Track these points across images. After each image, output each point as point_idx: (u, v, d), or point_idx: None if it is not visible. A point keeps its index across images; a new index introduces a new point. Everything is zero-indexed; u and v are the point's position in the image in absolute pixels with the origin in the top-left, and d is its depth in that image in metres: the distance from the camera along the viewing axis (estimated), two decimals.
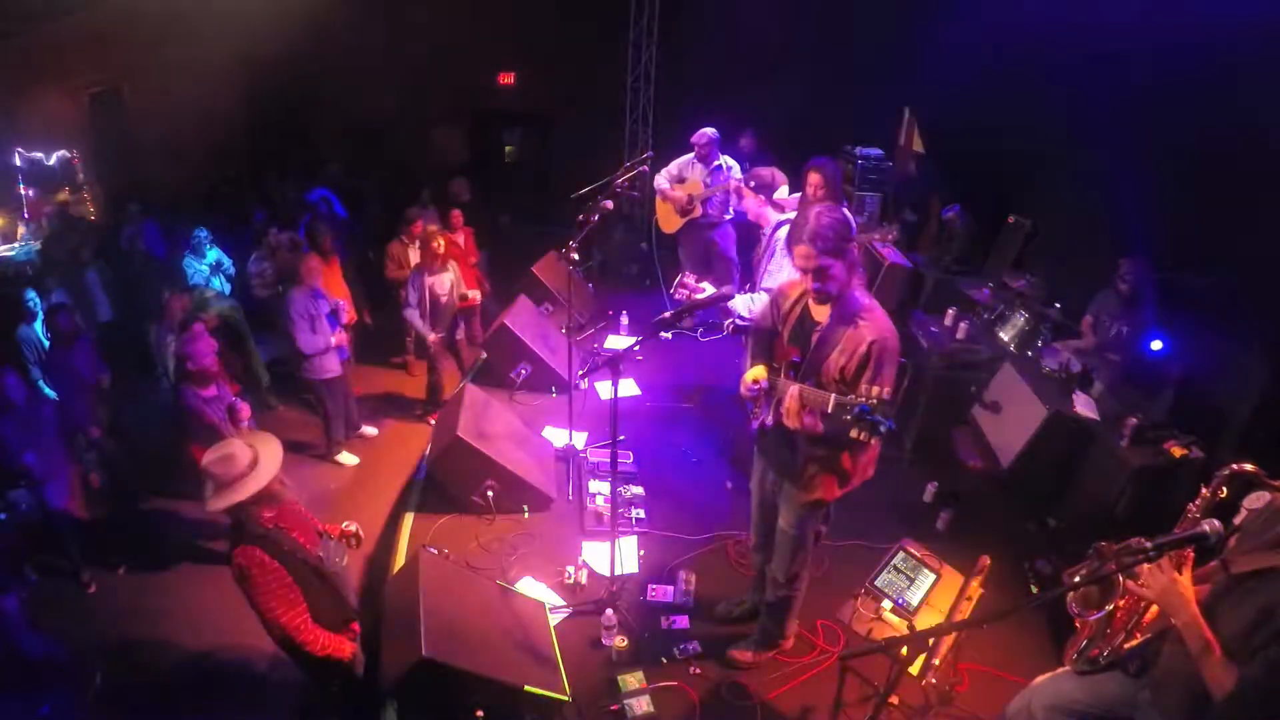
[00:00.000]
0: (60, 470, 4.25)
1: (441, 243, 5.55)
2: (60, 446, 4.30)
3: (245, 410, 4.31)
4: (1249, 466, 2.04)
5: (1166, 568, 1.91)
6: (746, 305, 3.73)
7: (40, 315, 5.23)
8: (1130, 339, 4.56)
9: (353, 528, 3.01)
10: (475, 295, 5.91)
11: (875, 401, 2.21)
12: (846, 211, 2.60)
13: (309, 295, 4.94)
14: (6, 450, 3.98)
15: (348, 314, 5.09)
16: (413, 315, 5.57)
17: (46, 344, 5.03)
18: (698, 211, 6.01)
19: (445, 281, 5.66)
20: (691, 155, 5.95)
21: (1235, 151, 4.23)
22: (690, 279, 3.79)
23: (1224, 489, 2.04)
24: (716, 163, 5.90)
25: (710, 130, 5.85)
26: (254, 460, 2.58)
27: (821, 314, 2.60)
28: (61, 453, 4.29)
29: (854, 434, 2.25)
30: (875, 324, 2.50)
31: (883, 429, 2.20)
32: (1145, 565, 1.94)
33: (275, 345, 6.13)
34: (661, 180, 6.04)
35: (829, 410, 2.33)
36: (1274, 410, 3.83)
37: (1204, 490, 2.09)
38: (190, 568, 4.52)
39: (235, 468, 2.53)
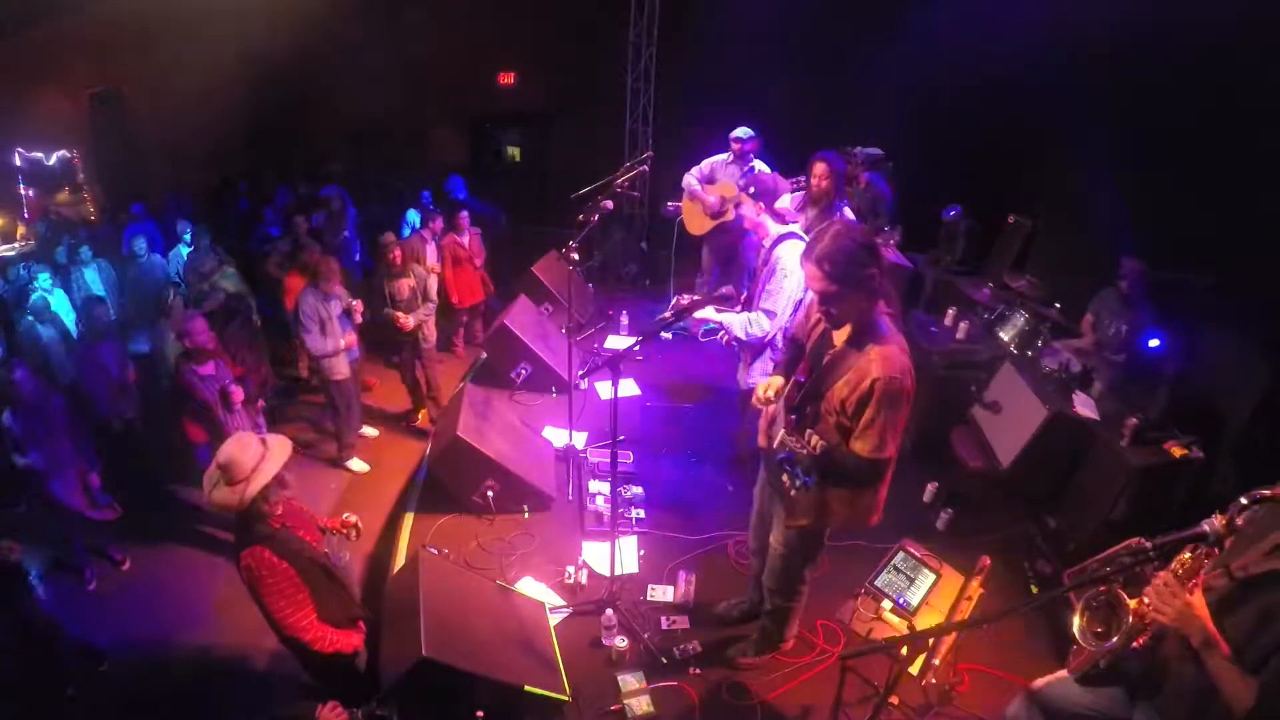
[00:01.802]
0: (67, 464, 4.26)
1: (398, 253, 5.30)
2: (69, 440, 4.30)
3: (238, 394, 4.32)
4: (1265, 491, 1.91)
5: (1178, 589, 1.87)
6: (744, 326, 3.56)
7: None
8: (1130, 338, 4.56)
9: (352, 519, 3.01)
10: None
11: (804, 453, 2.09)
12: (867, 237, 2.37)
13: (321, 297, 4.87)
14: (15, 444, 4.00)
15: (359, 314, 5.03)
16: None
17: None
18: (730, 215, 5.63)
19: (404, 287, 5.34)
20: (725, 156, 5.64)
21: (1236, 151, 4.23)
22: (685, 299, 3.64)
23: (1241, 518, 1.92)
24: (749, 165, 5.56)
25: (750, 130, 5.53)
26: (263, 453, 2.57)
27: (840, 338, 2.44)
28: (70, 447, 4.30)
29: (783, 479, 2.15)
30: (886, 361, 2.29)
31: (798, 484, 2.08)
32: (1155, 587, 1.90)
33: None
34: (691, 180, 5.71)
35: (774, 445, 2.22)
36: (1274, 410, 3.83)
37: (1219, 518, 1.96)
38: (192, 563, 4.52)
39: (247, 462, 2.52)
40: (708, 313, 3.54)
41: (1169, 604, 1.86)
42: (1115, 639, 1.98)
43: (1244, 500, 1.83)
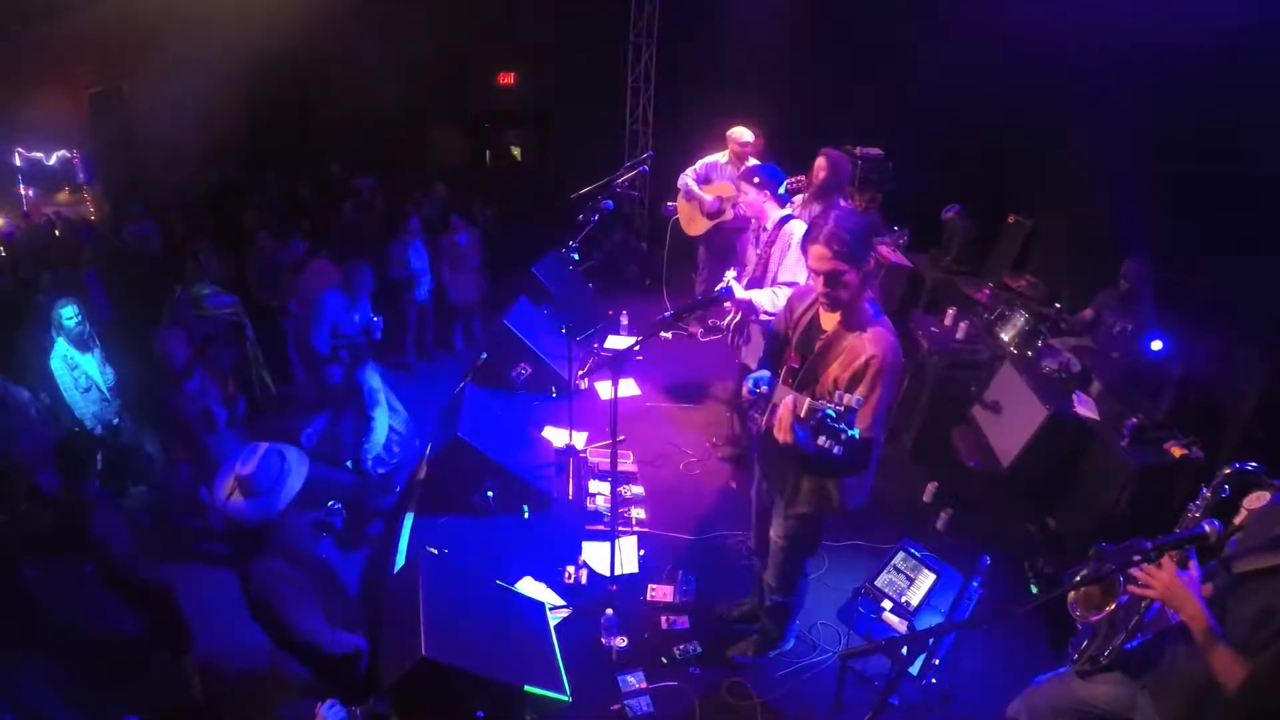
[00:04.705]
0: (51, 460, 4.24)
1: None
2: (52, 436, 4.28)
3: (221, 415, 4.12)
4: (1250, 465, 2.02)
5: (1168, 564, 1.91)
6: (771, 300, 3.56)
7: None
8: (1131, 338, 4.56)
9: (336, 505, 2.98)
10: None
11: (841, 409, 2.13)
12: (869, 218, 2.53)
13: (345, 303, 4.71)
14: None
15: (377, 332, 4.88)
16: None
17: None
18: (728, 215, 5.62)
19: None
20: (722, 156, 5.62)
21: (1237, 151, 4.22)
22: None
23: (1226, 488, 2.02)
24: (745, 166, 5.40)
25: (750, 133, 5.54)
26: (283, 467, 2.55)
27: (830, 322, 2.52)
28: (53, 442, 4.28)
29: (820, 441, 2.16)
30: (878, 340, 2.39)
31: (844, 437, 2.11)
32: (1146, 566, 1.94)
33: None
34: (687, 180, 5.67)
35: (803, 414, 2.24)
36: (1274, 410, 3.83)
37: (1205, 491, 2.09)
38: (188, 565, 4.50)
39: (267, 477, 2.50)
40: (736, 289, 3.61)
41: (1158, 577, 1.89)
42: (1106, 609, 2.03)
43: (1226, 471, 1.93)
